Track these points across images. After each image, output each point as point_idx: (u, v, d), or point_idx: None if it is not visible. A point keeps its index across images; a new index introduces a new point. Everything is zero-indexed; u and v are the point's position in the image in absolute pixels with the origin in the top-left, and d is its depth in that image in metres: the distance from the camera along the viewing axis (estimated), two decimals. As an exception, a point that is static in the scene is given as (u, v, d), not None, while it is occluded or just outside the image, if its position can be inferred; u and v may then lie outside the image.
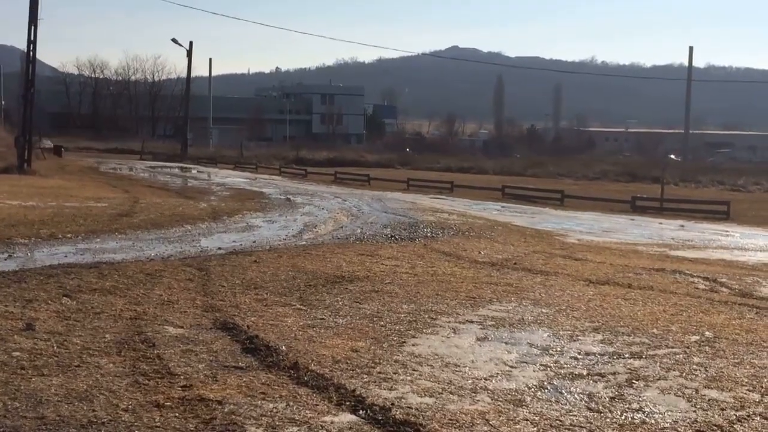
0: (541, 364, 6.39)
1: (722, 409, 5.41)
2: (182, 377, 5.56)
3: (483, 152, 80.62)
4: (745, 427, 5.08)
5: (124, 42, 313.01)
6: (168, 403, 4.99)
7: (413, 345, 6.87)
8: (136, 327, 7.00)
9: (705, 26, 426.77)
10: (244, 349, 6.40)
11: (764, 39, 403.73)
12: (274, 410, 4.97)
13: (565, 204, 31.09)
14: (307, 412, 4.98)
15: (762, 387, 5.92)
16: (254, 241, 14.13)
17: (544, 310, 8.59)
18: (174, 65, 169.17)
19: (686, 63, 64.78)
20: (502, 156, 71.35)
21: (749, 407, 5.46)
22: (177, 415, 4.82)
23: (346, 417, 4.95)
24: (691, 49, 63.45)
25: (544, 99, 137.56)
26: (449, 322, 7.86)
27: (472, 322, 7.90)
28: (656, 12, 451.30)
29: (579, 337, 7.35)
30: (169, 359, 5.99)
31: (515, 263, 12.56)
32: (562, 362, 6.48)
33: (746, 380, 6.08)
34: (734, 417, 5.25)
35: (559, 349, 6.91)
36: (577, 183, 45.34)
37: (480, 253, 13.67)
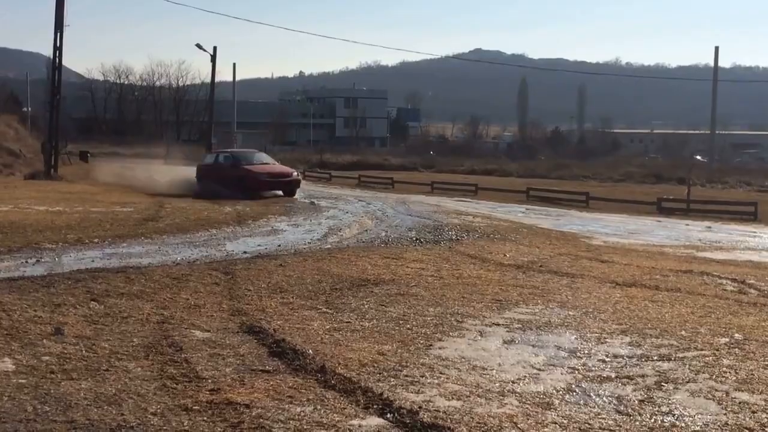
0: (568, 367, 6.36)
1: (753, 412, 5.35)
2: (210, 381, 5.58)
3: (507, 155, 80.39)
4: (776, 429, 5.03)
5: (148, 48, 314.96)
6: (196, 407, 5.01)
7: (440, 348, 6.85)
8: (163, 331, 7.04)
9: (731, 26, 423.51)
10: (271, 352, 6.41)
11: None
12: (302, 414, 4.98)
13: (591, 206, 30.92)
14: (335, 415, 4.98)
15: (793, 389, 5.85)
16: (279, 245, 14.16)
17: (570, 313, 8.54)
18: (198, 70, 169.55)
19: (712, 63, 64.20)
20: (526, 158, 71.13)
21: (782, 410, 5.39)
22: (205, 418, 4.84)
23: (374, 420, 4.94)
24: (716, 49, 62.93)
25: (569, 101, 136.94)
26: (476, 324, 7.83)
27: (498, 324, 7.87)
28: (681, 12, 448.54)
29: (606, 340, 7.31)
30: (196, 363, 6.01)
31: (541, 266, 12.50)
32: (589, 365, 6.44)
33: (777, 383, 6.01)
34: (766, 420, 5.19)
35: (586, 351, 6.87)
36: (602, 185, 45.08)
37: (505, 255, 13.62)
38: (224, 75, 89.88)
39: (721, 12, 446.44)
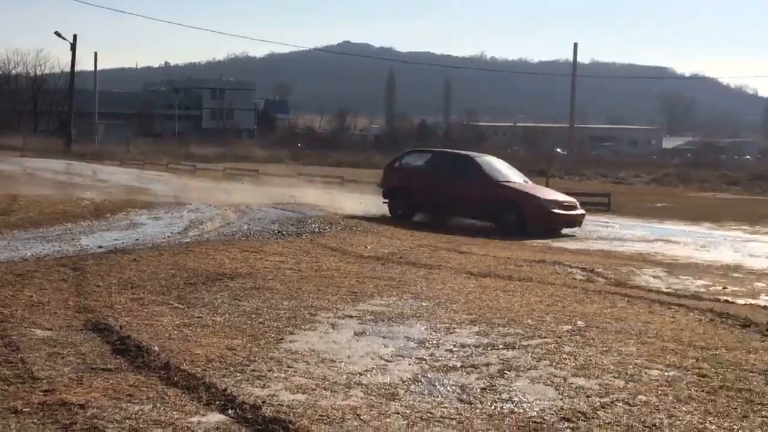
0: (416, 358, 6.44)
1: (588, 396, 5.55)
2: (45, 381, 5.37)
3: (375, 147, 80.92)
4: (608, 413, 5.23)
5: (4, 35, 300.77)
6: (26, 409, 4.81)
7: (290, 341, 6.83)
8: (0, 330, 6.74)
9: (590, 23, 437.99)
10: (114, 350, 6.23)
11: (646, 36, 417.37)
12: (140, 412, 4.86)
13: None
14: (174, 413, 4.88)
15: (627, 374, 6.10)
16: (137, 239, 13.84)
17: (423, 304, 8.66)
18: (57, 59, 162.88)
19: (572, 59, 66.29)
20: (393, 150, 71.67)
21: (613, 393, 5.62)
22: (35, 420, 4.66)
23: (215, 417, 4.87)
24: (575, 45, 64.92)
25: (436, 94, 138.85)
26: (329, 317, 7.84)
27: (351, 317, 7.90)
28: (544, 8, 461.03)
29: (456, 330, 7.44)
30: (32, 363, 5.78)
31: (400, 257, 12.64)
32: (437, 355, 6.54)
33: (612, 367, 6.26)
34: (599, 404, 5.40)
35: (435, 342, 6.98)
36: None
37: (366, 247, 13.71)
38: (85, 64, 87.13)
39: (581, 9, 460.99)
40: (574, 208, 19.54)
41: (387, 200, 21.11)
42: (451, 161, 21.25)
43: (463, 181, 19.81)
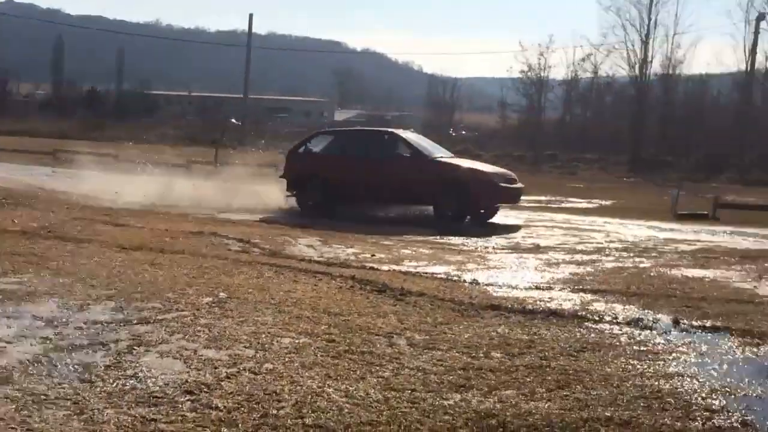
0: (41, 338, 6.09)
1: (215, 368, 5.54)
2: None
3: (40, 114, 76.34)
4: (232, 383, 5.25)
5: None
6: None
7: None
8: None
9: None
10: None
11: (321, 9, 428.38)
12: None
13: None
14: None
15: (258, 343, 6.18)
16: None
17: (62, 280, 8.22)
18: None
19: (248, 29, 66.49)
20: (60, 118, 68.21)
21: (241, 363, 5.66)
22: None
23: None
24: (251, 16, 65.40)
25: (109, 61, 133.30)
26: (-53, 300, 7.22)
27: (-25, 298, 7.33)
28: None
29: (90, 306, 7.13)
30: None
31: (50, 231, 11.98)
32: (65, 333, 6.23)
33: (245, 338, 6.31)
34: (225, 374, 5.41)
35: (65, 320, 6.64)
36: (138, 146, 44.73)
37: (14, 222, 12.85)
38: None
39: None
40: (515, 181, 17.95)
41: (293, 193, 18.48)
42: (371, 140, 18.74)
43: (390, 162, 17.58)
